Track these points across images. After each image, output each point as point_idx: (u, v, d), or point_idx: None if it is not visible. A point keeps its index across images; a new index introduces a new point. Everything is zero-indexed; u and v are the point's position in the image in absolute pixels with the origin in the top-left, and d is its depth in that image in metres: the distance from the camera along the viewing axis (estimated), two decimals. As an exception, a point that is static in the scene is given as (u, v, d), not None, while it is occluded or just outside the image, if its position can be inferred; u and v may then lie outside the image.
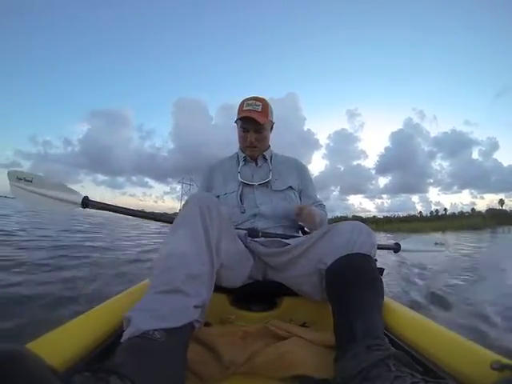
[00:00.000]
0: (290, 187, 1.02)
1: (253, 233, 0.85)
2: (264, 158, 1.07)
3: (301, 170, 1.09)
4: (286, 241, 0.82)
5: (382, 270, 0.72)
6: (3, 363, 0.25)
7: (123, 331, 0.44)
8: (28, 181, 0.83)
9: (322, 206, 1.07)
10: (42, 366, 0.28)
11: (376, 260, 0.68)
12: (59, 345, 0.45)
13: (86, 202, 0.84)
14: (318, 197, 1.10)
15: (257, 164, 1.06)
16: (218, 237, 0.62)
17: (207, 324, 0.75)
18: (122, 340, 0.43)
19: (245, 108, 0.97)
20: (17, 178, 0.84)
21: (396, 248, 1.17)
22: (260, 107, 0.97)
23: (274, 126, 1.07)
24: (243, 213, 0.95)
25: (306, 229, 1.10)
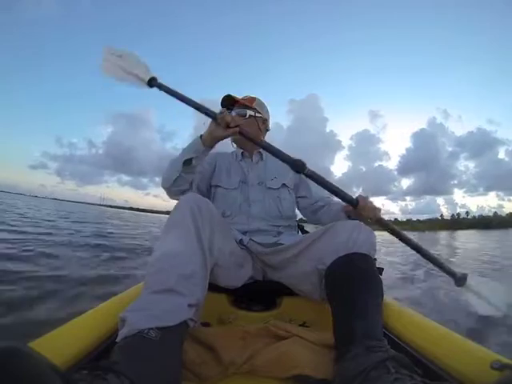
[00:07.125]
0: (284, 185, 1.00)
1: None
2: (260, 154, 1.07)
3: None
4: (284, 242, 0.82)
5: (381, 270, 0.72)
6: (5, 359, 0.25)
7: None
8: (118, 56, 0.90)
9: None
10: (42, 363, 0.29)
11: (375, 259, 0.68)
12: (58, 345, 0.45)
13: (152, 83, 0.84)
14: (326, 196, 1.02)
15: (252, 160, 1.06)
16: (210, 237, 0.63)
17: (207, 324, 0.75)
18: (117, 340, 0.44)
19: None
20: (110, 52, 0.91)
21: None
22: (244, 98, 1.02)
23: (268, 124, 1.07)
24: (238, 211, 0.94)
25: (305, 228, 1.10)
